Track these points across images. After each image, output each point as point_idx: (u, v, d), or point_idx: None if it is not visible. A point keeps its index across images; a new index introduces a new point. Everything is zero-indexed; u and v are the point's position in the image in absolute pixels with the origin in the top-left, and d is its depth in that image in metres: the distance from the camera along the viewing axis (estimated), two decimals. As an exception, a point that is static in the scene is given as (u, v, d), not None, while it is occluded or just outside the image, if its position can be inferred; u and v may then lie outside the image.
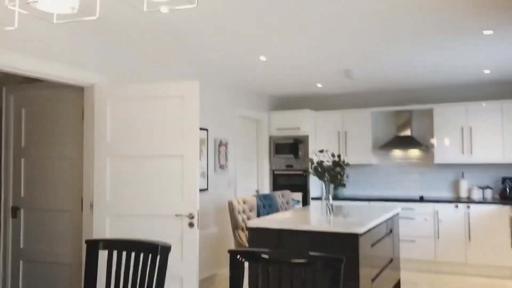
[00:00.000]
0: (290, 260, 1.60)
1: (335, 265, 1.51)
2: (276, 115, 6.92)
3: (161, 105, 3.61)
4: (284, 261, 1.62)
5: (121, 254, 1.81)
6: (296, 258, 1.60)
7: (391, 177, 6.78)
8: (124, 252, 1.80)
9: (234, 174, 5.95)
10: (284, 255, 1.62)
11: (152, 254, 1.69)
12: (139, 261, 1.75)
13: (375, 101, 6.92)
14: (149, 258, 1.70)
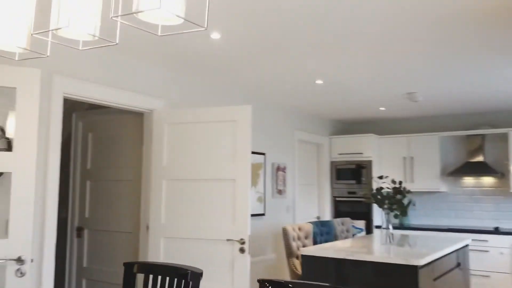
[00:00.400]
0: None
1: None
2: (338, 140, 6.78)
3: (214, 129, 3.66)
4: None
5: (156, 278, 1.82)
6: None
7: (461, 206, 6.34)
8: (159, 276, 1.81)
9: (293, 199, 5.86)
10: None
11: (184, 280, 1.67)
12: (173, 286, 1.74)
13: (444, 125, 6.57)
14: (182, 283, 1.68)
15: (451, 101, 5.46)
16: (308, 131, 6.34)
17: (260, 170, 5.21)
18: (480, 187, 6.24)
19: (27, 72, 2.53)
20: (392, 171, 6.57)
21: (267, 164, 5.39)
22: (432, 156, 6.31)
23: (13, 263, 2.39)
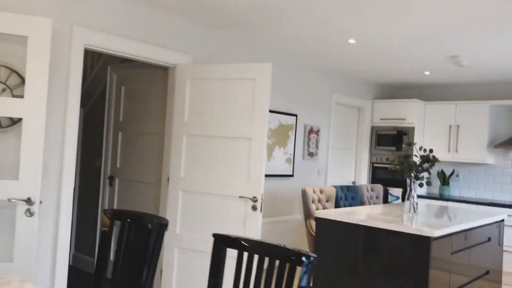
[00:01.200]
0: (264, 250, 1.48)
1: (305, 262, 1.35)
2: (381, 104, 6.52)
3: (234, 87, 3.63)
4: (259, 251, 1.50)
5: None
6: (270, 249, 1.47)
7: (508, 180, 5.95)
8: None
9: (325, 162, 5.78)
10: (260, 245, 1.50)
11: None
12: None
13: (495, 93, 6.11)
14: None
15: (502, 66, 5.03)
16: (348, 94, 6.14)
17: (290, 131, 5.15)
18: (531, 161, 5.81)
19: (39, 21, 2.61)
20: (435, 139, 6.27)
21: (299, 125, 5.31)
22: (481, 125, 5.93)
23: (23, 203, 2.56)
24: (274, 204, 4.99)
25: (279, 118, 4.98)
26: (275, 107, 4.96)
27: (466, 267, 3.73)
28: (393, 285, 3.22)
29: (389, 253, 3.27)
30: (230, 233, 3.59)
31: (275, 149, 4.95)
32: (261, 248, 1.50)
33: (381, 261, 3.30)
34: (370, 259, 3.36)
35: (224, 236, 1.63)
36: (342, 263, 3.50)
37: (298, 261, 1.35)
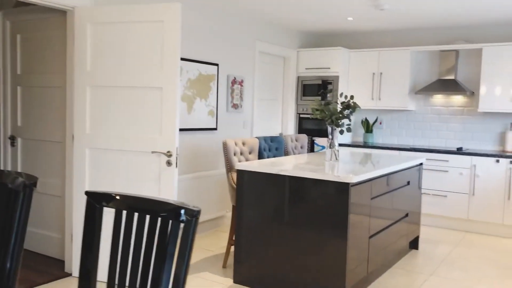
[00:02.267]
0: (143, 206, 1.27)
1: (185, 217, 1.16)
2: (306, 53, 6.38)
3: (140, 31, 3.28)
4: (136, 207, 1.29)
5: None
6: (148, 205, 1.27)
7: (428, 126, 6.12)
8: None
9: (251, 114, 5.60)
10: (138, 201, 1.29)
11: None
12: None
13: (416, 39, 6.16)
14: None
15: (423, 12, 5.01)
16: (272, 42, 5.92)
17: (211, 82, 4.88)
18: (448, 106, 5.99)
19: None
20: (359, 88, 6.27)
21: (221, 76, 5.05)
22: (402, 72, 5.98)
23: None
24: (197, 159, 4.77)
25: (198, 68, 4.69)
26: (194, 56, 4.65)
27: (386, 211, 3.77)
28: (316, 232, 3.17)
29: (311, 201, 3.20)
30: (144, 192, 3.36)
31: (195, 101, 4.68)
32: (139, 204, 1.28)
33: (304, 209, 3.22)
34: (294, 208, 3.28)
35: (97, 193, 1.39)
36: (266, 213, 3.39)
37: (177, 216, 1.15)
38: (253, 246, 3.44)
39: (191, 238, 1.15)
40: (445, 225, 5.54)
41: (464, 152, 5.37)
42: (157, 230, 1.20)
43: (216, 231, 4.97)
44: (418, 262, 4.20)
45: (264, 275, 3.39)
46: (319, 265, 3.16)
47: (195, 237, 1.18)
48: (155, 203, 1.25)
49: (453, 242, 4.89)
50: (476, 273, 3.93)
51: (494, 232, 5.25)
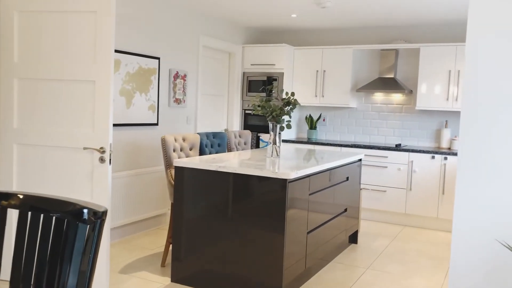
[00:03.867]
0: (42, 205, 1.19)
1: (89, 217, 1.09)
2: (251, 49, 6.36)
3: (72, 21, 3.13)
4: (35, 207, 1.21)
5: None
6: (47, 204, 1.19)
7: (369, 123, 6.28)
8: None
9: (195, 110, 5.52)
10: (36, 200, 1.21)
11: None
12: None
13: (358, 38, 6.30)
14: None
15: (363, 11, 5.12)
16: (217, 37, 5.85)
17: (152, 76, 4.76)
18: (388, 104, 6.17)
19: None
20: (304, 84, 6.33)
21: (163, 69, 4.93)
22: (345, 70, 6.09)
23: None
24: (137, 155, 4.64)
25: (138, 61, 4.55)
26: (134, 49, 4.51)
27: (325, 206, 3.82)
28: (255, 229, 3.15)
29: (251, 197, 3.18)
30: (76, 190, 3.21)
31: (135, 96, 4.55)
32: (42, 204, 1.20)
33: (243, 206, 3.20)
34: (233, 205, 3.24)
35: None
36: (205, 211, 3.34)
37: (80, 217, 1.09)
38: (191, 244, 3.39)
39: (96, 239, 1.08)
40: (384, 219, 5.71)
41: (402, 149, 5.55)
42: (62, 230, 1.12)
43: (157, 230, 4.86)
44: (357, 256, 4.30)
45: (203, 273, 3.34)
46: (257, 261, 3.15)
47: (101, 237, 1.11)
48: (59, 203, 1.17)
49: (391, 236, 5.05)
50: (412, 266, 4.07)
51: (430, 225, 5.47)
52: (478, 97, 1.78)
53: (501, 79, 1.74)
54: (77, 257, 1.05)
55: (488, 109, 1.77)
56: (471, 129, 1.79)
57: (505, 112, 1.74)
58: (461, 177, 1.76)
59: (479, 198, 1.74)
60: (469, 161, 1.77)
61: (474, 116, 1.80)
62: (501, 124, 1.75)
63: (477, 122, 1.77)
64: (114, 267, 3.72)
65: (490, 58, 1.76)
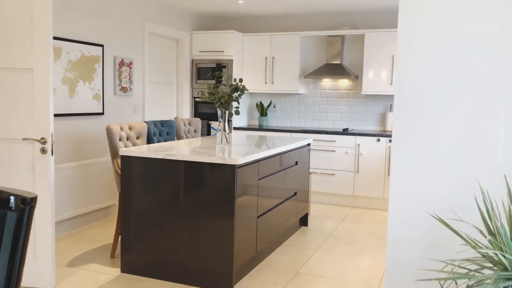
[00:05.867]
0: None
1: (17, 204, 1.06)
2: (199, 36, 6.30)
3: (7, 6, 2.97)
4: None
5: None
6: None
7: (318, 108, 6.40)
8: None
9: (142, 98, 5.41)
10: None
11: None
12: None
13: (305, 24, 6.37)
14: None
15: (309, -3, 5.17)
16: (163, 24, 5.74)
17: (96, 63, 4.61)
18: (336, 89, 6.30)
19: None
20: (253, 71, 6.35)
21: (107, 57, 4.79)
22: (293, 57, 6.16)
23: None
24: (82, 146, 4.51)
25: (81, 49, 4.40)
26: (76, 36, 4.35)
27: (275, 191, 3.88)
28: (206, 216, 3.15)
29: (200, 185, 3.17)
30: (17, 182, 3.08)
31: (78, 84, 4.40)
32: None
33: (193, 193, 3.19)
34: (183, 192, 3.23)
35: None
36: (154, 200, 3.30)
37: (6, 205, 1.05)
38: (141, 234, 3.35)
39: (26, 228, 1.05)
40: (333, 202, 5.86)
41: (349, 133, 5.71)
42: None
43: (106, 221, 4.76)
44: (307, 238, 4.40)
45: (153, 262, 3.32)
46: (208, 248, 3.16)
47: (30, 225, 1.08)
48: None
49: (340, 218, 5.20)
50: (360, 245, 4.22)
51: (376, 206, 5.67)
52: (410, 81, 1.86)
53: (431, 62, 1.82)
54: (6, 246, 1.02)
55: (419, 92, 1.85)
56: (404, 111, 1.87)
57: (435, 94, 1.83)
58: (396, 157, 1.84)
59: (412, 176, 1.83)
60: (402, 141, 1.84)
61: (406, 98, 1.87)
62: (431, 106, 1.83)
63: (409, 105, 1.85)
64: (61, 260, 3.62)
65: (420, 41, 1.83)
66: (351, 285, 3.31)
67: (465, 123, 1.79)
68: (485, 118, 1.76)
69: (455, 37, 1.79)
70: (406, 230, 1.83)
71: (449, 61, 1.80)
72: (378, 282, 3.38)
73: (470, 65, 1.78)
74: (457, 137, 1.79)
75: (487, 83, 1.76)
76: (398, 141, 1.83)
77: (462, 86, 1.79)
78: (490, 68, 1.75)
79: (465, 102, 1.79)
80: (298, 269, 3.59)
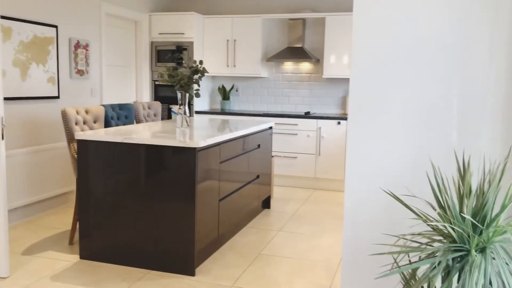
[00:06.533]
0: None
1: None
2: (158, 17, 6.15)
3: None
4: None
5: None
6: None
7: (280, 92, 6.42)
8: None
9: (99, 81, 5.26)
10: None
11: None
12: None
13: (267, 7, 6.34)
14: None
15: (270, -21, 5.13)
16: (120, 4, 5.57)
17: (50, 45, 4.44)
18: (298, 73, 6.32)
19: None
20: (215, 54, 6.28)
21: (62, 39, 4.62)
22: (255, 40, 6.12)
23: None
24: (37, 131, 4.35)
25: (33, 29, 4.21)
26: (27, 15, 4.16)
27: (237, 174, 3.87)
28: (167, 200, 3.12)
29: (161, 169, 3.12)
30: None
31: (31, 67, 4.22)
32: None
33: (153, 178, 3.14)
34: (143, 177, 3.17)
35: None
36: (113, 184, 3.23)
37: None
38: (100, 220, 3.28)
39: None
40: (295, 184, 5.93)
41: (311, 116, 5.76)
42: None
43: (65, 208, 4.64)
44: (270, 220, 4.44)
45: (113, 248, 3.26)
46: (169, 233, 3.13)
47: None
48: None
49: (302, 199, 5.27)
50: (321, 226, 4.29)
51: (337, 187, 5.78)
52: (364, 61, 1.87)
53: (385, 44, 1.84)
54: None
55: (373, 71, 1.87)
56: (359, 90, 1.89)
57: (388, 73, 1.86)
58: (351, 136, 1.87)
59: (366, 154, 1.86)
60: (357, 120, 1.87)
61: (361, 78, 1.89)
62: (384, 85, 1.86)
63: (363, 84, 1.87)
64: (16, 249, 3.51)
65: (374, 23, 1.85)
66: (312, 263, 3.37)
67: (417, 101, 1.83)
68: (437, 97, 1.81)
69: (409, 20, 1.82)
70: (362, 208, 1.87)
71: (403, 42, 1.83)
72: (338, 260, 3.46)
73: (424, 46, 1.81)
74: (409, 115, 1.83)
75: (439, 62, 1.80)
76: (353, 120, 1.86)
77: (415, 66, 1.83)
78: (443, 48, 1.79)
79: (418, 81, 1.82)
80: (260, 251, 3.62)
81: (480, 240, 1.36)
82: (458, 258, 1.40)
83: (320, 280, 3.11)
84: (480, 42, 1.74)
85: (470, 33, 1.75)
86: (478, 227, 1.38)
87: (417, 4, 1.79)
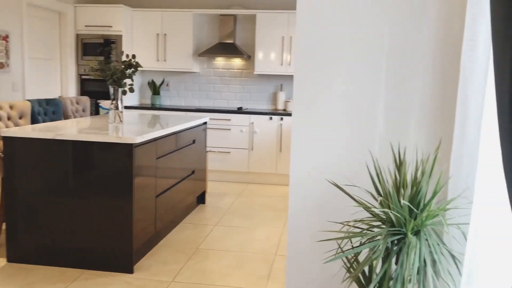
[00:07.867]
0: None
1: None
2: (84, 9, 5.90)
3: None
4: None
5: None
6: None
7: (212, 87, 6.43)
8: None
9: (21, 75, 4.95)
10: None
11: None
12: None
13: (198, 2, 6.31)
14: None
15: (202, -26, 5.12)
16: (43, -6, 5.27)
17: (-35, 35, 4.11)
18: (229, 68, 6.37)
19: None
20: (144, 48, 6.15)
21: (-22, 28, 4.29)
22: (186, 34, 6.07)
23: None
24: (-49, 127, 4.01)
25: None
26: None
27: (173, 170, 3.85)
28: (103, 198, 3.03)
29: (96, 166, 3.03)
30: None
31: None
32: None
33: (88, 175, 3.03)
34: (77, 175, 3.05)
35: None
36: (44, 184, 3.08)
37: None
38: (29, 220, 3.11)
39: None
40: (229, 179, 5.98)
41: (244, 111, 5.83)
42: None
43: (-15, 210, 4.33)
44: (206, 215, 4.46)
45: (45, 249, 3.11)
46: (106, 231, 3.05)
47: None
48: None
49: (236, 194, 5.34)
50: (256, 218, 4.39)
51: (270, 181, 5.92)
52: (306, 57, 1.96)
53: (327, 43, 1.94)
54: None
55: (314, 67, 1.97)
56: (302, 84, 1.98)
57: (327, 69, 1.96)
58: (295, 128, 1.95)
59: (310, 146, 1.95)
60: (300, 114, 1.96)
61: (303, 72, 1.98)
62: (326, 80, 1.96)
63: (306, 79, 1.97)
64: None
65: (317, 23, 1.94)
66: (250, 255, 3.45)
67: (356, 98, 1.95)
68: (373, 93, 1.94)
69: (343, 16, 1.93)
70: (306, 198, 1.96)
71: (338, 37, 1.94)
72: (275, 250, 3.57)
73: (356, 42, 1.93)
74: (349, 110, 1.95)
75: (376, 61, 1.93)
76: (297, 114, 1.94)
77: (355, 64, 1.94)
78: (372, 42, 1.92)
79: (356, 78, 1.94)
80: (198, 245, 3.64)
81: (416, 224, 1.50)
82: (396, 241, 1.53)
83: (259, 271, 3.19)
84: (410, 42, 1.90)
85: (403, 34, 1.90)
86: (414, 212, 1.52)
87: (356, 5, 1.91)
